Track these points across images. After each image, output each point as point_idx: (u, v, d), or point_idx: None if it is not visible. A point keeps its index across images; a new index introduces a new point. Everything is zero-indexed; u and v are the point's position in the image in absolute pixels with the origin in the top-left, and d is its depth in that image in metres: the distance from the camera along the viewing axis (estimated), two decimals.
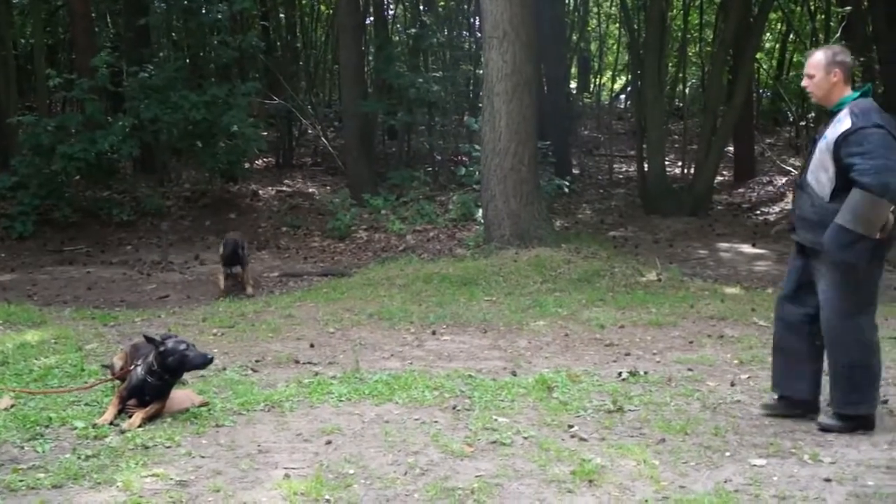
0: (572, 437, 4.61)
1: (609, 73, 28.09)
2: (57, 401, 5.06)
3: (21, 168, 13.43)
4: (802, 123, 22.10)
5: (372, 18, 20.71)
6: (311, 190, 17.18)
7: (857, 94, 4.61)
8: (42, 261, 12.12)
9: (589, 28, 26.14)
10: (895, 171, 4.30)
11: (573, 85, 26.67)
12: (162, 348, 4.81)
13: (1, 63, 16.52)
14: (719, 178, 18.09)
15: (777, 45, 24.85)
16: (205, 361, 4.95)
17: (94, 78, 13.77)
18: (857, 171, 4.33)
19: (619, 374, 5.87)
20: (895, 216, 4.39)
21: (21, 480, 3.91)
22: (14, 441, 4.40)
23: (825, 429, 4.66)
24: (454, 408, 5.10)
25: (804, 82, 4.74)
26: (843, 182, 4.42)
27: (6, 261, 12.04)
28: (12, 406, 4.93)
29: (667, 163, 17.78)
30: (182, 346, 4.87)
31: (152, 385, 4.78)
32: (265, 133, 16.78)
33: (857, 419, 4.64)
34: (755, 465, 4.21)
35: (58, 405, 4.97)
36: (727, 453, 4.37)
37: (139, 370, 4.85)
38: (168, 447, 4.37)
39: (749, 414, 5.01)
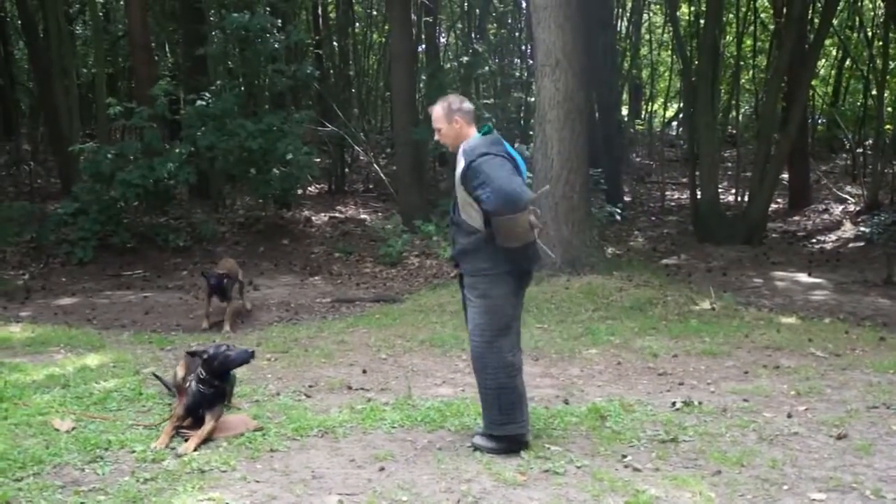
0: (626, 467, 4.57)
1: (661, 100, 28.01)
2: (116, 424, 5.16)
3: (82, 195, 13.74)
4: (859, 150, 21.75)
5: (424, 47, 20.93)
6: (363, 216, 17.33)
7: (479, 134, 4.76)
8: (101, 285, 12.36)
9: (641, 55, 26.11)
10: (508, 183, 4.47)
11: (625, 112, 26.62)
12: (206, 356, 5.09)
13: (64, 92, 17.03)
14: (774, 206, 17.87)
15: (833, 72, 24.56)
16: (247, 356, 5.17)
17: (152, 106, 14.11)
18: (484, 202, 4.53)
19: (673, 403, 5.81)
20: (535, 216, 4.61)
21: (82, 503, 4.00)
22: (75, 463, 4.49)
23: (477, 447, 4.79)
24: None
25: (436, 136, 4.95)
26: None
27: (67, 285, 12.32)
28: (73, 429, 5.04)
29: (720, 190, 17.62)
30: (223, 349, 5.16)
31: (206, 394, 5.01)
32: (318, 160, 16.98)
33: (506, 439, 4.76)
34: (815, 500, 4.12)
35: (117, 428, 5.07)
36: (785, 487, 4.29)
37: (192, 385, 5.07)
38: (224, 471, 4.42)
39: (807, 446, 4.91)
